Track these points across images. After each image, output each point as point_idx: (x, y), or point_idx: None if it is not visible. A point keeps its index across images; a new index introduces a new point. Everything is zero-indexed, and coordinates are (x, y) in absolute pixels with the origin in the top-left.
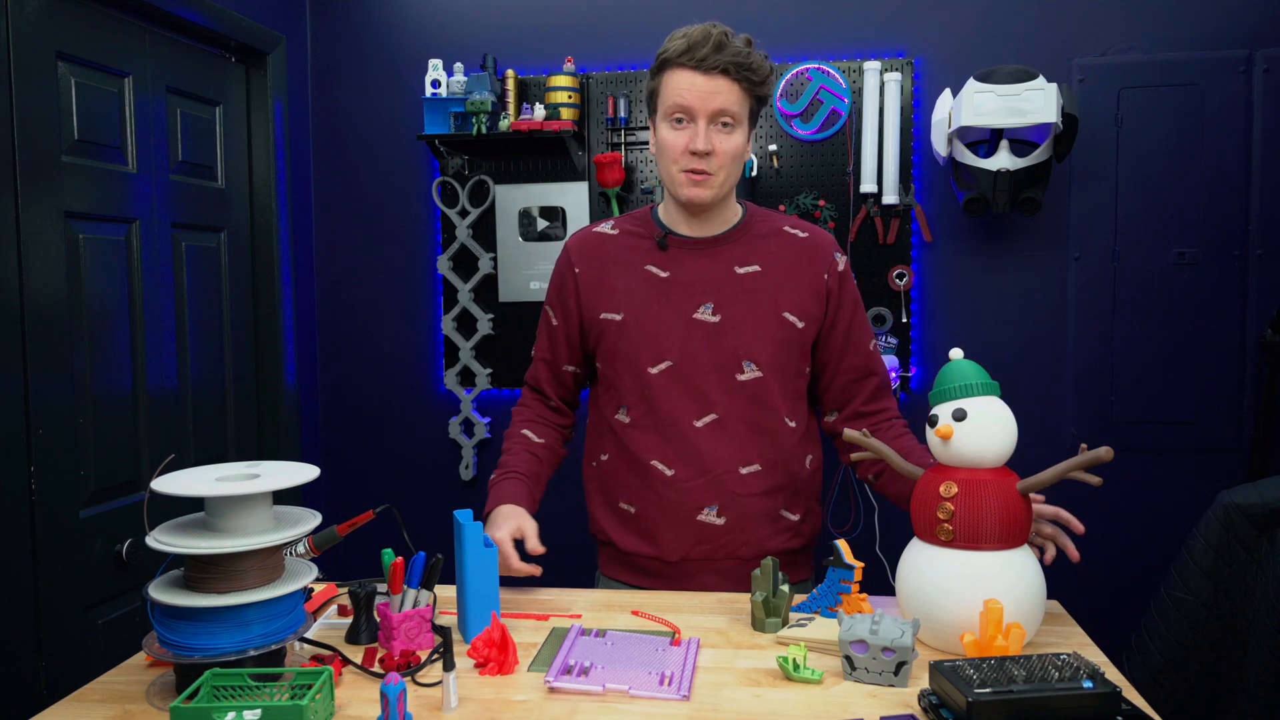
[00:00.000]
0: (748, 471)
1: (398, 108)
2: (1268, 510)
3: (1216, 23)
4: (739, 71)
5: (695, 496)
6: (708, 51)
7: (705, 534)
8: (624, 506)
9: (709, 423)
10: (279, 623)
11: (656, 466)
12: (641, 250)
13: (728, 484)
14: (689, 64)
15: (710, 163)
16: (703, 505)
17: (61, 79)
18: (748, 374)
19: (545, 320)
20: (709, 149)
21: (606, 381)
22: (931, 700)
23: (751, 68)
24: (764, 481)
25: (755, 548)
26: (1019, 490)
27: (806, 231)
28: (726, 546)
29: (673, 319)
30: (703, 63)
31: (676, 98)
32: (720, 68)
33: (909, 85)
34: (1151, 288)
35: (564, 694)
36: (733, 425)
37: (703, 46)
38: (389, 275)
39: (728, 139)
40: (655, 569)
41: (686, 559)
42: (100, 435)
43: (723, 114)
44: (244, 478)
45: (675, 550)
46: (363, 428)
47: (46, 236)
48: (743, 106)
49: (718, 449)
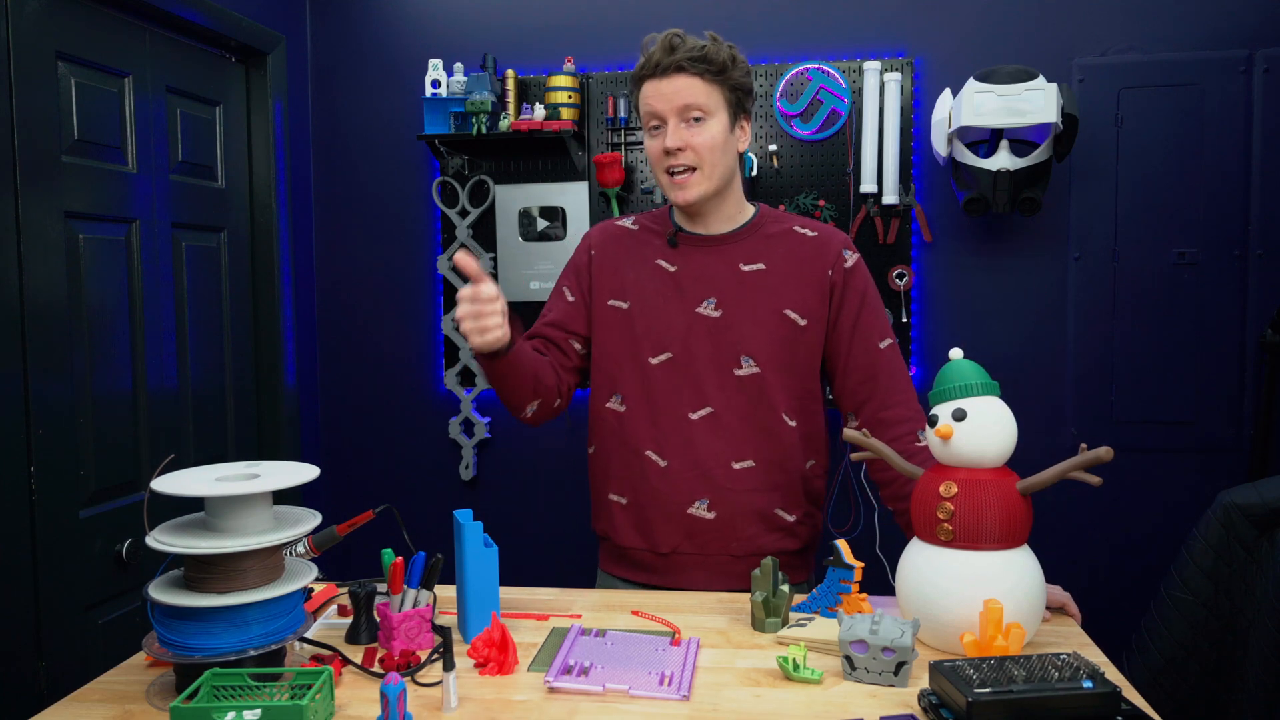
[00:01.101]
0: (740, 467)
1: (398, 108)
2: (1268, 510)
3: (1216, 23)
4: (694, 65)
5: (686, 488)
6: (660, 56)
7: (696, 527)
8: (614, 498)
9: (704, 415)
10: (279, 623)
11: (650, 456)
12: (654, 246)
13: (719, 478)
14: (649, 74)
15: (686, 157)
16: (693, 498)
17: (61, 79)
18: (746, 370)
19: (559, 295)
20: (680, 145)
21: (603, 371)
22: (931, 700)
23: (706, 58)
24: (757, 478)
25: (747, 545)
26: (1019, 490)
27: (816, 231)
28: (717, 541)
29: (676, 312)
30: (658, 67)
31: (646, 107)
32: (674, 66)
33: (909, 85)
34: (1151, 288)
35: (564, 694)
36: (728, 420)
37: (657, 53)
38: (389, 275)
39: (700, 131)
40: (649, 561)
41: (677, 551)
42: (100, 435)
43: (688, 108)
44: (244, 478)
45: (666, 542)
46: (363, 428)
47: (46, 236)
48: (710, 97)
49: (711, 442)
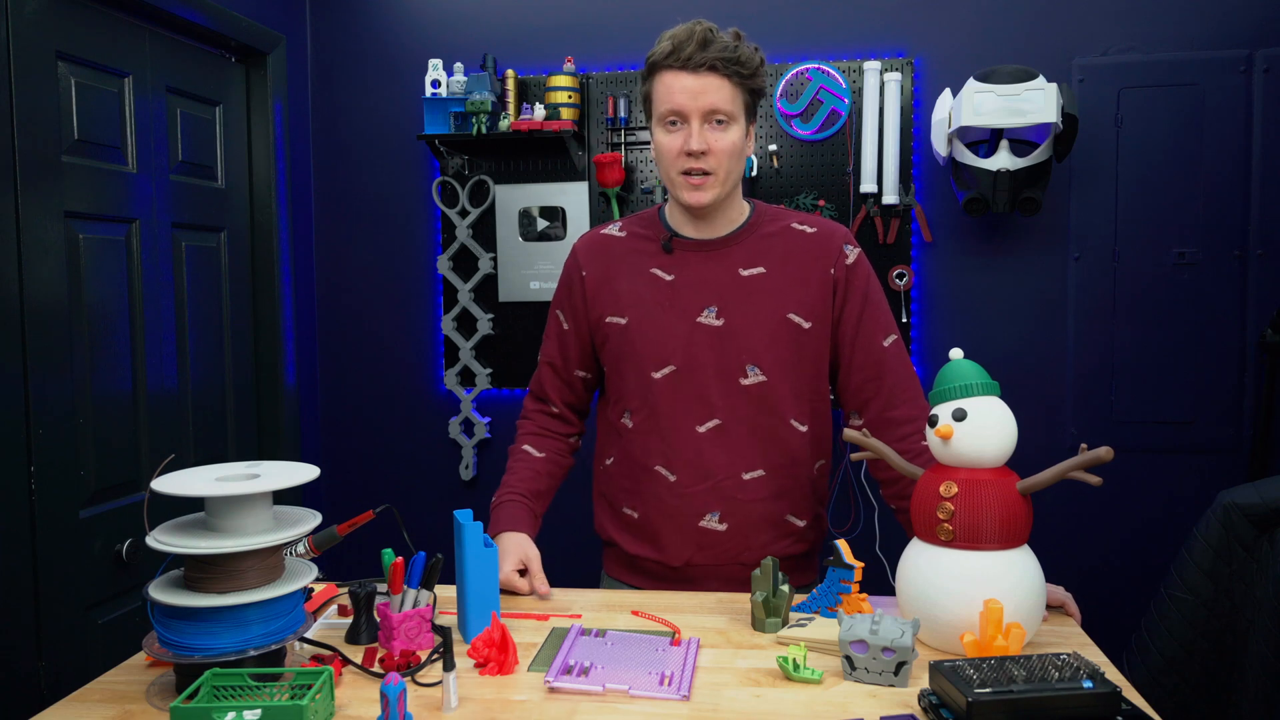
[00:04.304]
0: (750, 477)
1: (398, 108)
2: (1268, 510)
3: (1216, 23)
4: (727, 66)
5: (697, 502)
6: (693, 50)
7: (708, 540)
8: (627, 512)
9: (712, 428)
10: (279, 623)
11: (660, 471)
12: (647, 253)
13: (730, 490)
14: (676, 65)
15: (707, 162)
16: (705, 511)
17: (61, 79)
18: (751, 378)
19: (554, 324)
20: (704, 148)
21: (612, 385)
22: (931, 700)
23: (740, 61)
24: (768, 487)
25: (759, 553)
26: (1019, 490)
27: (815, 226)
28: (729, 552)
29: (676, 323)
30: (689, 62)
31: (668, 100)
32: (707, 65)
33: (909, 85)
34: (1151, 288)
35: (564, 694)
36: (736, 430)
37: (688, 45)
38: (389, 275)
39: (723, 136)
40: (659, 572)
41: (690, 564)
42: (100, 435)
43: (715, 112)
44: (244, 478)
45: (678, 555)
46: (363, 428)
47: (46, 236)
48: (735, 102)
49: (720, 455)
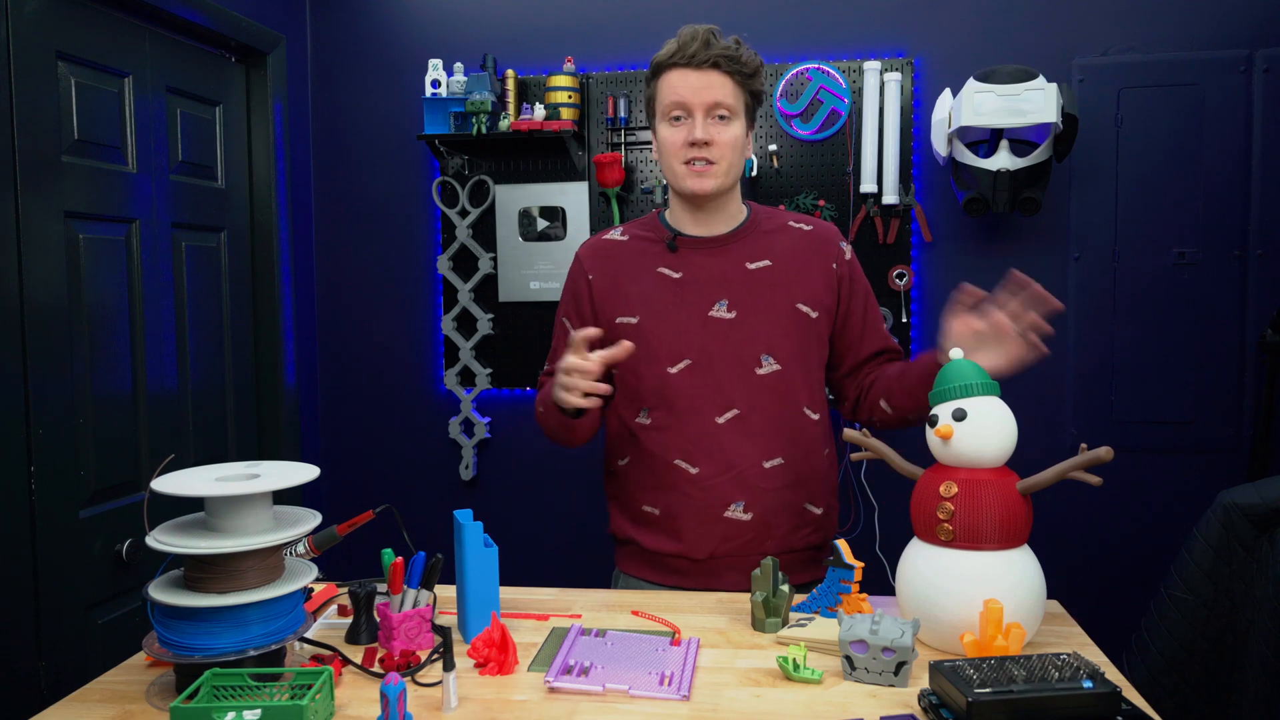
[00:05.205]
0: (771, 465)
1: (398, 108)
2: (1268, 510)
3: (1216, 23)
4: (729, 64)
5: (721, 493)
6: (697, 48)
7: (732, 530)
8: (648, 509)
9: (731, 418)
10: (279, 623)
11: (680, 465)
12: (652, 254)
13: (752, 479)
14: (681, 62)
15: (710, 152)
16: (729, 501)
17: (61, 79)
18: (767, 368)
19: (560, 331)
20: (708, 139)
21: (625, 386)
22: (931, 700)
23: (740, 60)
24: (787, 475)
25: (780, 543)
26: (1019, 490)
27: (810, 224)
28: (753, 542)
29: (688, 319)
30: (693, 59)
31: (672, 95)
32: (710, 61)
33: (909, 85)
34: (1151, 288)
35: (564, 694)
36: (755, 419)
37: (692, 44)
38: (389, 275)
39: (725, 130)
40: (681, 567)
41: (713, 556)
42: (100, 435)
43: (717, 106)
44: (244, 478)
45: (702, 548)
46: (363, 428)
47: (46, 236)
48: (737, 99)
49: (741, 444)
